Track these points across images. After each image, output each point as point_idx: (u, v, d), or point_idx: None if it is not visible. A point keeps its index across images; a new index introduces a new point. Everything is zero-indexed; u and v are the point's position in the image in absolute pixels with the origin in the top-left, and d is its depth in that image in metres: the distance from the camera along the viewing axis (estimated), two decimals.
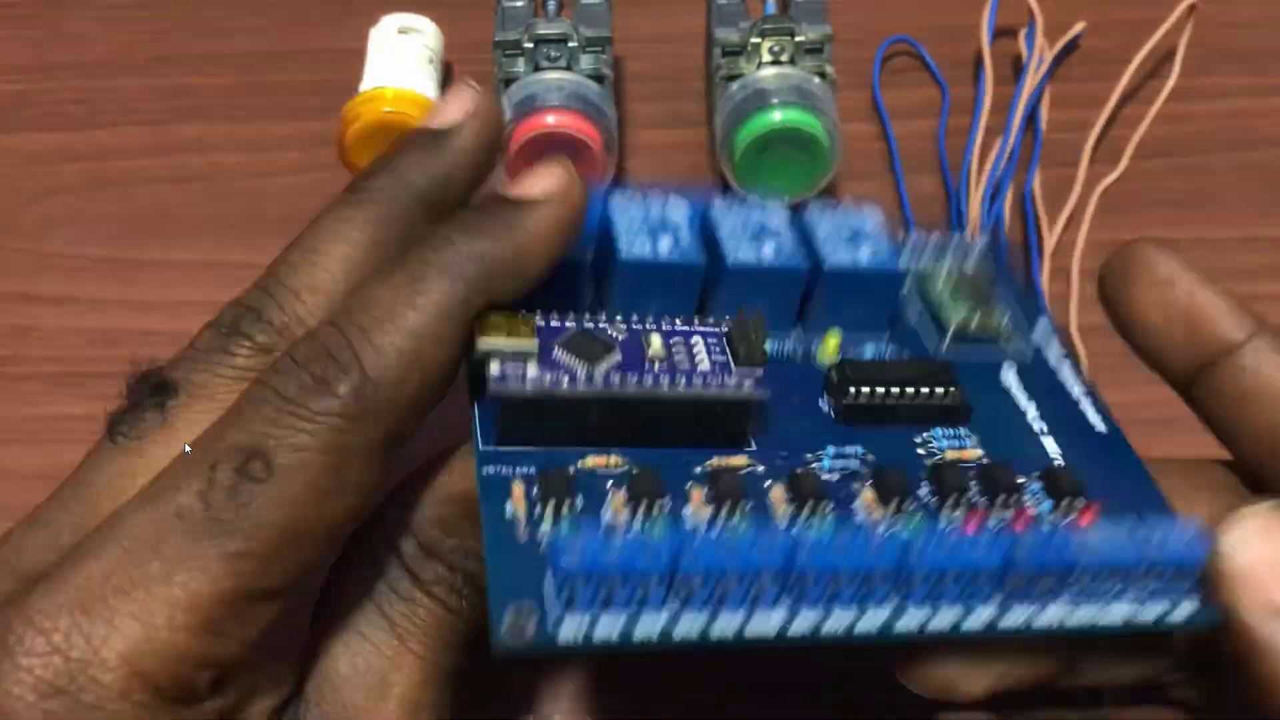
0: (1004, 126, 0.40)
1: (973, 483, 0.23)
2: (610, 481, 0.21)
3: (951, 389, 0.24)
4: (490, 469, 0.21)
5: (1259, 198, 0.39)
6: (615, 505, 0.20)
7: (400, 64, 0.39)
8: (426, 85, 0.39)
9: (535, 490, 0.20)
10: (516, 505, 0.20)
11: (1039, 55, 0.42)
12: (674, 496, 0.21)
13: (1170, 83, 0.42)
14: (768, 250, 0.25)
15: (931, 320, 0.26)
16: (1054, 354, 0.27)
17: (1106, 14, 0.44)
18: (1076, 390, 0.27)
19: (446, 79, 0.43)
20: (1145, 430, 0.34)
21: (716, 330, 0.23)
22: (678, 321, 0.23)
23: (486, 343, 0.21)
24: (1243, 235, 0.38)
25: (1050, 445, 0.25)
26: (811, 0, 0.37)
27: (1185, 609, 0.21)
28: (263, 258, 0.38)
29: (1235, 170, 0.40)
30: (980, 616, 0.20)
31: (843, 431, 0.24)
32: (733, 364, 0.22)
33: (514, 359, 0.21)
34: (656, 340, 0.22)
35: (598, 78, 0.37)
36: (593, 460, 0.21)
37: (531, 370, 0.21)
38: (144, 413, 0.20)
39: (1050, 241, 0.38)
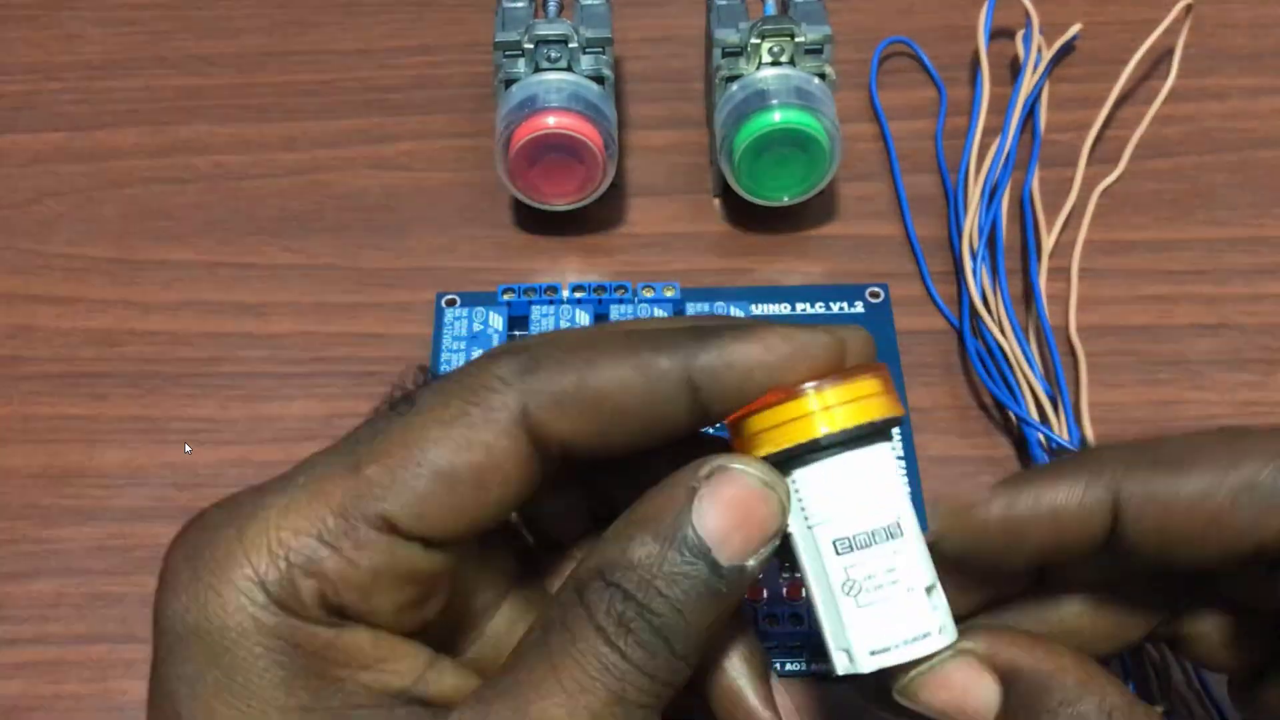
0: (1001, 127, 0.40)
1: None
2: None
3: None
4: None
5: (1257, 198, 0.40)
6: None
7: None
8: None
9: None
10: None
11: (1036, 56, 0.42)
12: None
13: (1168, 83, 0.42)
14: None
15: None
16: None
17: (1103, 14, 0.45)
18: None
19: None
20: (1140, 430, 0.34)
21: None
22: None
23: None
24: (1241, 235, 0.39)
25: None
26: (810, 1, 0.37)
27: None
28: (262, 258, 0.39)
29: (1233, 170, 0.40)
30: None
31: None
32: None
33: None
34: None
35: (598, 79, 0.37)
36: None
37: None
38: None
39: (1048, 242, 0.38)
